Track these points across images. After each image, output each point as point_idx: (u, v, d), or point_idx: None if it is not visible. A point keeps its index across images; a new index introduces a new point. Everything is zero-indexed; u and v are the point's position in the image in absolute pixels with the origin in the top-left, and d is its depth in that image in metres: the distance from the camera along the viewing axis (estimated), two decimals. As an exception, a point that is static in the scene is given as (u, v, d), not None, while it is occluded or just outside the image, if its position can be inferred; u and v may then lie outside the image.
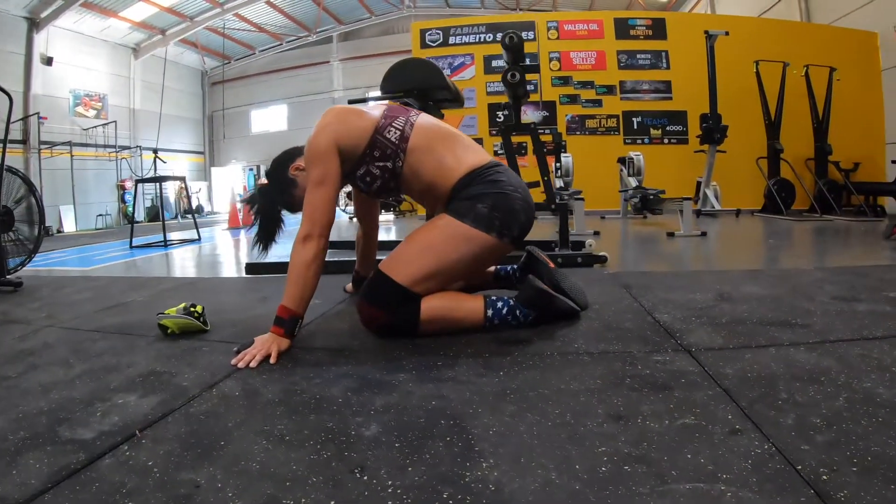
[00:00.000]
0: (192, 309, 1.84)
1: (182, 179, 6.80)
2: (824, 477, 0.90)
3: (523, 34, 3.55)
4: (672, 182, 6.45)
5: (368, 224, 2.36)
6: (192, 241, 6.11)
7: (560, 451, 0.96)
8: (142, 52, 14.16)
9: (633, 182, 6.15)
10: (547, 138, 6.23)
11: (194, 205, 14.18)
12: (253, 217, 1.90)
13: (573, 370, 1.38)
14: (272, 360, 1.52)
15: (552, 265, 2.00)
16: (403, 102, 3.24)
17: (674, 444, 0.99)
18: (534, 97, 7.14)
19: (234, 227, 7.98)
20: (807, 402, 1.18)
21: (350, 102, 4.03)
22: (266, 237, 1.90)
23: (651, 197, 5.47)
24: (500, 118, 7.16)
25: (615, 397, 1.20)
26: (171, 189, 14.51)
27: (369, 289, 1.73)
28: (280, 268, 3.18)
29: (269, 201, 1.88)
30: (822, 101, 6.95)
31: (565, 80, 7.26)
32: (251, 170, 17.18)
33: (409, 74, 3.08)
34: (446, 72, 7.27)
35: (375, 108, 1.82)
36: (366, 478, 0.92)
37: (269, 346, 1.55)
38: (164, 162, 7.52)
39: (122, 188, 13.43)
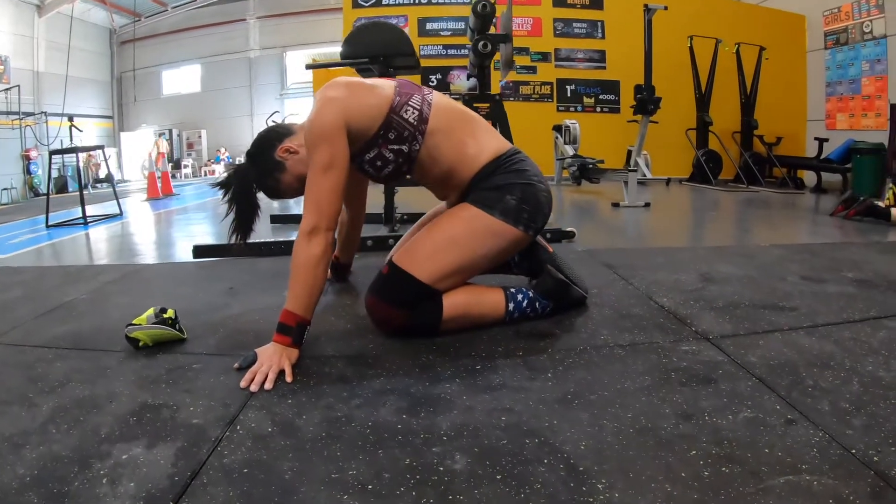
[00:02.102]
0: (163, 315, 1.69)
1: (101, 148, 6.32)
2: (875, 458, 1.08)
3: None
4: (604, 150, 6.86)
5: (355, 208, 2.24)
6: (113, 216, 5.71)
7: (657, 459, 1.07)
8: (46, 10, 13.77)
9: (569, 150, 6.41)
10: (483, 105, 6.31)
11: (103, 174, 13.97)
12: (227, 204, 1.76)
13: (615, 367, 1.50)
14: (288, 378, 1.43)
15: (551, 249, 2.06)
16: (363, 68, 3.21)
17: (748, 439, 1.13)
18: (464, 62, 7.20)
19: (153, 197, 7.55)
20: (831, 388, 1.38)
21: (309, 67, 3.92)
22: (245, 227, 1.77)
23: (590, 166, 5.73)
24: (433, 83, 7.17)
25: (672, 395, 1.34)
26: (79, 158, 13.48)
27: (385, 287, 1.68)
28: (228, 249, 3.05)
29: (247, 185, 1.75)
30: (751, 78, 7.84)
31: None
32: (163, 134, 16.19)
33: (374, 38, 2.98)
34: None
35: (384, 83, 1.73)
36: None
37: (279, 359, 1.46)
38: (81, 130, 6.97)
39: (27, 158, 12.95)
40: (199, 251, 3.04)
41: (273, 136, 1.74)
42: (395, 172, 1.74)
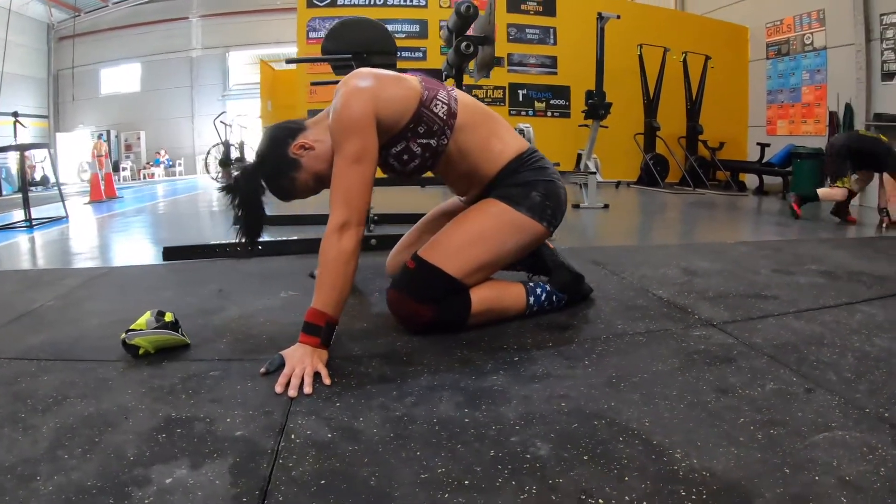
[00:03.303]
0: (164, 319, 1.61)
1: (46, 147, 6.06)
2: (886, 415, 1.30)
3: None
4: (554, 153, 7.07)
5: None
6: (58, 219, 5.45)
7: (714, 427, 1.23)
8: (-18, 2, 12.96)
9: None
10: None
11: (38, 176, 13.65)
12: (234, 208, 1.72)
13: (643, 352, 1.67)
14: (325, 381, 1.41)
15: (552, 246, 2.22)
16: (342, 64, 3.28)
17: (781, 405, 1.33)
18: (421, 64, 7.37)
19: (96, 200, 7.26)
20: (831, 362, 1.62)
21: (289, 62, 3.93)
22: (253, 232, 1.76)
23: (546, 169, 5.96)
24: None
25: (703, 374, 1.52)
26: (10, 159, 12.72)
27: (412, 282, 1.72)
28: (202, 251, 2.98)
29: (255, 186, 1.71)
30: (696, 86, 8.53)
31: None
32: (101, 135, 15.53)
33: (357, 35, 3.05)
34: None
35: (409, 77, 1.77)
36: (601, 501, 0.98)
37: (312, 361, 1.44)
38: (25, 127, 6.63)
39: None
40: (170, 253, 2.96)
41: (285, 133, 1.70)
42: (421, 167, 1.78)
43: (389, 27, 7.39)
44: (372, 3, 7.51)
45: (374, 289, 2.35)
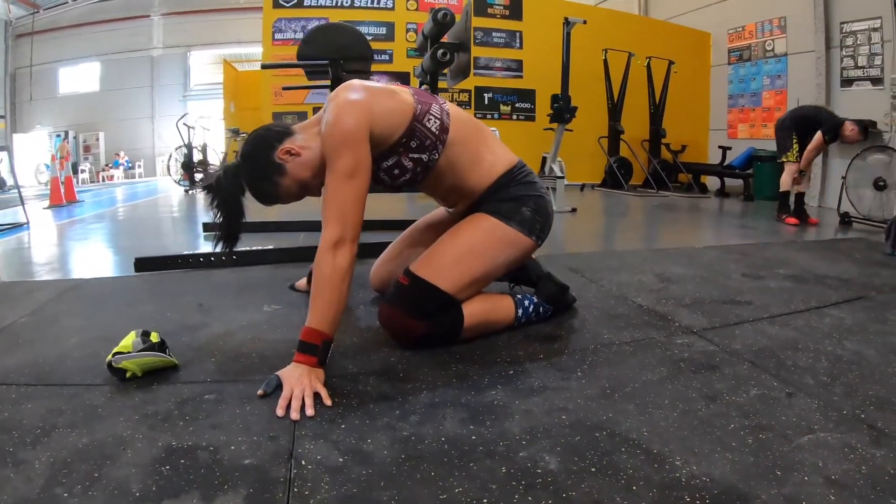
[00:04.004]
0: (150, 340, 1.58)
1: (5, 149, 5.86)
2: (862, 415, 1.43)
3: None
4: (519, 156, 7.22)
5: None
6: (19, 226, 5.25)
7: (708, 434, 1.33)
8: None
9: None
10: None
11: None
12: (214, 208, 1.71)
13: (631, 361, 1.77)
14: (326, 401, 1.42)
15: (534, 257, 2.32)
16: (317, 69, 3.31)
17: (766, 410, 1.44)
18: (387, 67, 7.45)
19: (56, 204, 7.03)
20: (808, 367, 1.75)
21: (265, 67, 3.93)
22: (232, 234, 1.75)
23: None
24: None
25: (690, 381, 1.62)
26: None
27: (406, 298, 1.76)
28: (174, 262, 2.95)
29: (237, 187, 1.70)
30: (660, 90, 8.93)
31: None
32: (58, 136, 15.03)
33: (333, 40, 3.08)
34: (299, 35, 7.23)
35: (401, 89, 1.79)
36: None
37: (310, 382, 1.45)
38: None
39: None
40: (142, 264, 2.92)
41: (272, 136, 1.70)
42: (411, 181, 1.82)
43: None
44: (339, 4, 7.54)
45: (359, 301, 2.38)
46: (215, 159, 9.55)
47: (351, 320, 2.14)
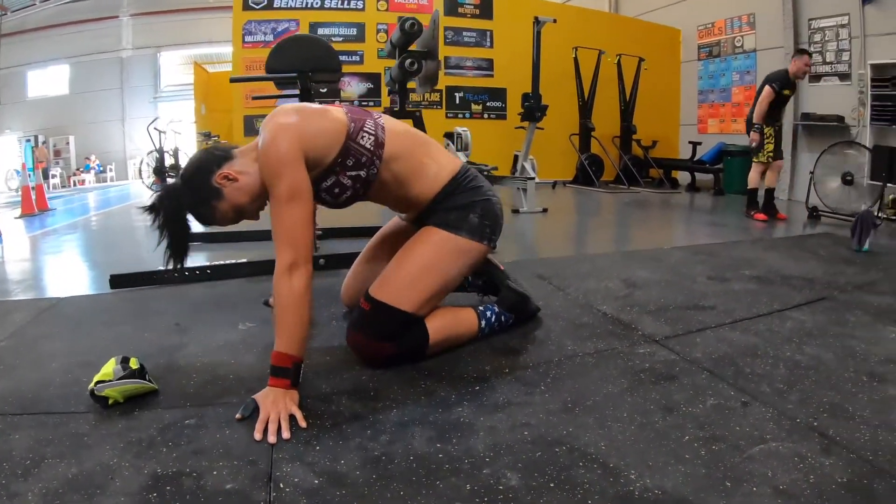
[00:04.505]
0: (129, 366, 1.63)
1: None
2: (815, 424, 1.51)
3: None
4: (491, 155, 7.62)
5: None
6: None
7: (663, 447, 1.40)
8: None
9: (462, 157, 6.83)
10: (378, 110, 6.66)
11: None
12: (157, 228, 1.74)
13: (594, 374, 1.84)
14: (301, 423, 1.48)
15: (502, 268, 2.39)
16: (285, 81, 3.34)
17: (721, 421, 1.51)
18: (358, 68, 7.50)
19: (28, 213, 6.94)
20: (765, 374, 1.85)
21: (233, 81, 3.93)
22: (179, 252, 1.77)
23: (485, 173, 6.18)
24: (323, 90, 7.34)
25: (649, 392, 1.70)
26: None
27: (369, 323, 1.83)
28: (149, 278, 2.96)
29: (180, 210, 1.74)
30: (630, 87, 9.09)
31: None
32: (28, 141, 14.72)
33: (301, 52, 3.14)
34: (269, 37, 7.23)
35: (333, 108, 1.84)
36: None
37: (285, 404, 1.51)
38: None
39: None
40: (117, 280, 2.92)
41: (211, 160, 1.74)
42: (353, 197, 1.87)
43: (326, 31, 7.58)
44: (309, 5, 7.53)
45: (330, 316, 2.42)
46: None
47: (324, 337, 2.18)
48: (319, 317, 2.41)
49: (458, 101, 8.40)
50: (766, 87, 5.43)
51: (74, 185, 15.91)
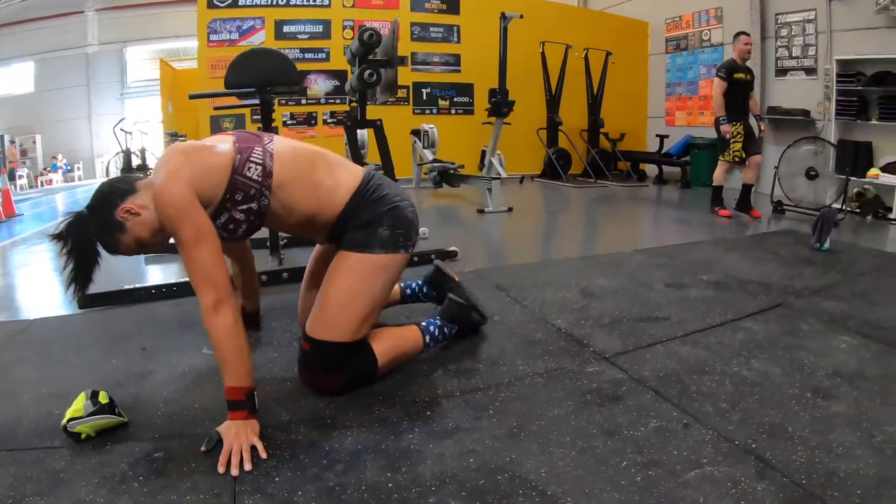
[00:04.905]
0: (99, 401, 1.70)
1: None
2: (753, 446, 1.60)
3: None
4: (458, 150, 7.69)
5: (239, 254, 2.38)
6: None
7: (601, 473, 1.48)
8: None
9: (428, 154, 6.90)
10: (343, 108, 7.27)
11: None
12: (64, 255, 1.76)
13: (541, 396, 1.91)
14: (262, 454, 1.57)
15: (457, 279, 2.47)
16: (245, 96, 3.35)
17: (661, 445, 1.59)
18: (324, 66, 7.68)
19: None
20: (710, 392, 1.94)
21: (192, 98, 3.91)
22: (84, 278, 1.80)
23: (451, 172, 6.23)
24: (284, 101, 7.38)
25: (594, 415, 1.78)
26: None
27: (314, 362, 1.90)
28: (117, 297, 2.98)
29: (86, 238, 1.77)
30: (598, 80, 9.15)
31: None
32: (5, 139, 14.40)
33: (260, 66, 3.16)
34: (234, 36, 7.21)
35: (221, 140, 1.87)
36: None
37: (246, 436, 1.59)
38: None
39: None
40: (85, 301, 2.89)
41: (115, 194, 1.79)
42: (250, 230, 1.91)
43: (292, 28, 7.53)
44: (274, 3, 7.48)
45: (291, 337, 2.45)
46: (154, 163, 9.44)
47: (286, 360, 2.22)
48: (281, 337, 2.46)
49: (425, 97, 8.43)
50: (715, 79, 5.60)
51: (42, 184, 15.61)
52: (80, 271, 1.77)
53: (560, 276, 3.31)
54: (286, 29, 7.48)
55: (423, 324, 2.19)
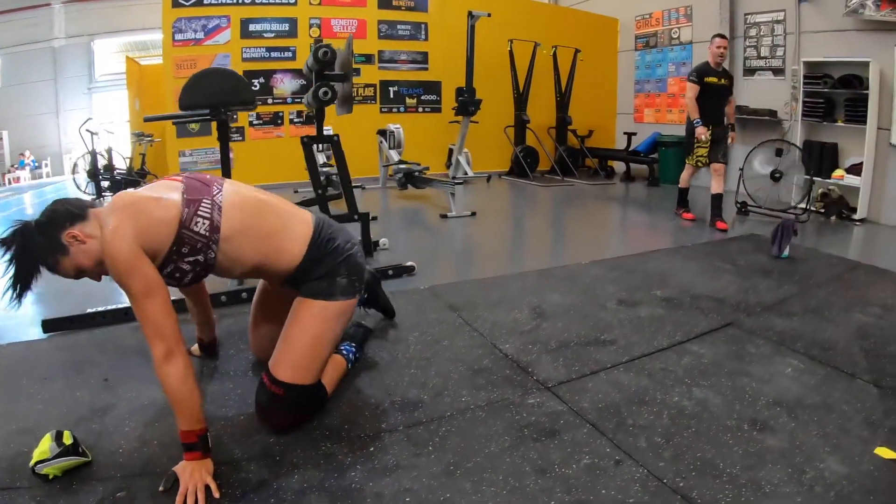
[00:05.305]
0: (63, 442, 1.78)
1: None
2: (681, 484, 1.70)
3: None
4: (426, 148, 7.85)
5: (193, 290, 2.42)
6: None
7: None
8: None
9: (394, 155, 6.96)
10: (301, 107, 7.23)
11: None
12: (7, 261, 1.78)
13: (480, 430, 2.00)
14: (215, 494, 1.67)
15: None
16: (199, 115, 3.37)
17: (590, 483, 1.71)
18: (290, 65, 7.67)
19: None
20: (647, 425, 2.03)
21: (147, 120, 3.92)
22: (23, 286, 1.80)
23: (416, 174, 6.29)
24: (255, 87, 7.35)
25: (529, 451, 1.87)
26: None
27: (285, 405, 2.00)
28: (80, 321, 3.01)
29: (27, 250, 1.78)
30: (566, 78, 9.26)
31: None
32: None
33: (213, 87, 3.20)
34: (199, 35, 7.20)
35: (169, 189, 1.90)
36: None
37: (201, 476, 1.70)
38: None
39: None
40: (50, 325, 2.92)
41: (65, 216, 1.81)
42: (196, 278, 1.98)
43: (258, 26, 7.52)
44: (240, 1, 7.44)
45: (246, 366, 2.52)
46: (122, 163, 9.35)
47: (240, 392, 2.29)
48: (237, 366, 2.52)
49: (392, 96, 8.49)
50: (687, 83, 5.70)
51: (9, 182, 15.36)
52: (18, 280, 1.79)
53: (514, 293, 3.40)
54: (252, 27, 7.46)
55: (344, 351, 2.43)
